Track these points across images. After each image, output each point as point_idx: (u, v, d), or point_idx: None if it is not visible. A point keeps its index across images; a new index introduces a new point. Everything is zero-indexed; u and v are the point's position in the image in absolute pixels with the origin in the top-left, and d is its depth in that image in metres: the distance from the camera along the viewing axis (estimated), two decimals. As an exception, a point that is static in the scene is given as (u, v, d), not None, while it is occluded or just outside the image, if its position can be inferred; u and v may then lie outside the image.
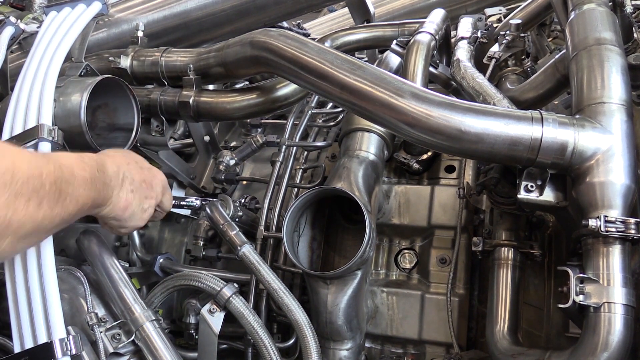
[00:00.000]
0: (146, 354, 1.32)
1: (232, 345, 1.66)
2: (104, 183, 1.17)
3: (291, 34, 1.45)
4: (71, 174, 1.03)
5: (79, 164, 1.08)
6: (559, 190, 1.22)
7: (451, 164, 1.78)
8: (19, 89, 1.47)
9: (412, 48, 1.63)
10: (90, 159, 1.14)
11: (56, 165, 0.98)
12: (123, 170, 1.25)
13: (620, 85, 1.20)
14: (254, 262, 1.46)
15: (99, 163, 1.17)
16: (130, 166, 1.28)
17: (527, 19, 1.92)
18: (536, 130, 1.15)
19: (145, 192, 1.33)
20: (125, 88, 1.54)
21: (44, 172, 0.93)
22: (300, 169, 1.83)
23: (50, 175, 0.95)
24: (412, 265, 1.68)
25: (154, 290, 1.56)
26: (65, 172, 1.00)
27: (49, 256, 1.24)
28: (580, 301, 1.06)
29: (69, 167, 1.03)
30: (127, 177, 1.26)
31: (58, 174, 0.97)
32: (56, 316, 1.22)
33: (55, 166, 0.98)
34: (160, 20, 2.03)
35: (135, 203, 1.29)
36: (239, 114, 1.68)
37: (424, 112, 1.18)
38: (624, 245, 1.09)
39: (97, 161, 1.16)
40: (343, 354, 1.45)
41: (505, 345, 1.31)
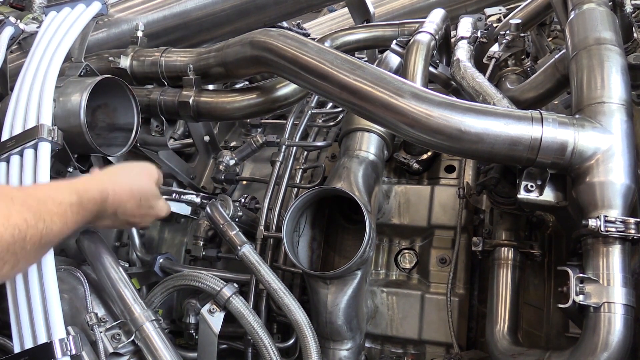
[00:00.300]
0: (146, 354, 1.32)
1: (232, 345, 1.66)
2: (88, 208, 1.14)
3: (291, 34, 1.45)
4: (50, 213, 0.97)
5: (57, 195, 1.03)
6: (559, 190, 1.22)
7: (451, 164, 1.77)
8: (19, 89, 1.47)
9: (412, 48, 1.63)
10: (65, 191, 1.09)
11: (47, 222, 0.94)
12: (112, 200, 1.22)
13: (620, 85, 1.20)
14: (253, 262, 1.46)
15: (78, 190, 1.11)
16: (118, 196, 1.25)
17: (527, 19, 1.92)
18: (536, 130, 1.15)
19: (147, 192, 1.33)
20: (125, 88, 1.54)
21: (28, 234, 0.89)
22: (300, 169, 1.83)
23: (36, 236, 0.91)
24: (412, 265, 1.68)
25: (154, 290, 1.56)
26: (54, 227, 0.96)
27: (49, 256, 1.24)
28: (580, 301, 1.06)
29: (49, 206, 0.98)
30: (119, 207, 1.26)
31: (45, 232, 0.93)
32: (56, 316, 1.21)
33: (44, 223, 0.93)
34: (160, 20, 2.02)
35: (131, 216, 1.30)
36: (239, 114, 1.68)
37: (424, 112, 1.18)
38: (623, 245, 1.09)
39: (74, 193, 1.10)
40: (343, 354, 1.45)
41: (505, 345, 1.31)
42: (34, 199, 0.96)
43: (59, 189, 1.06)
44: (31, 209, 0.92)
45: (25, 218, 0.90)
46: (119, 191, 1.22)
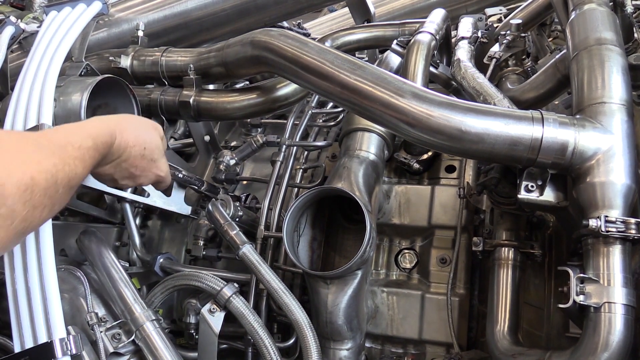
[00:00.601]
0: (146, 353, 1.32)
1: (232, 345, 1.66)
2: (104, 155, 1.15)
3: (291, 33, 1.45)
4: (74, 157, 1.00)
5: (78, 140, 1.05)
6: (559, 190, 1.22)
7: (451, 164, 1.78)
8: (19, 89, 1.47)
9: (412, 48, 1.63)
10: (102, 144, 1.12)
11: (71, 166, 0.97)
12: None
13: (621, 85, 1.20)
14: (254, 262, 1.46)
15: (94, 134, 1.13)
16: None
17: (527, 19, 1.92)
18: (537, 130, 1.15)
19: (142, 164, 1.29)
20: (126, 88, 1.54)
21: (59, 178, 0.93)
22: (301, 169, 1.83)
23: (64, 179, 0.95)
24: (412, 265, 1.68)
25: (154, 290, 1.56)
26: (78, 171, 1.00)
27: (49, 256, 1.24)
28: (580, 301, 1.06)
29: (73, 148, 1.01)
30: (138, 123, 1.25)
31: (71, 175, 0.97)
32: (56, 316, 1.21)
33: (69, 167, 0.97)
34: (161, 20, 2.03)
35: (139, 166, 1.26)
36: (239, 113, 1.69)
37: (424, 112, 1.18)
38: (624, 245, 1.09)
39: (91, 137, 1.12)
40: (343, 354, 1.45)
41: (506, 345, 1.31)
42: (56, 145, 0.99)
43: (75, 134, 1.07)
44: (55, 154, 0.96)
45: (54, 163, 0.94)
46: (125, 135, 1.20)
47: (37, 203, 0.89)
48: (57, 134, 1.07)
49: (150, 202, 1.82)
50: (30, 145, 0.94)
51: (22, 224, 0.87)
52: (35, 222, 0.91)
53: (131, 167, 1.24)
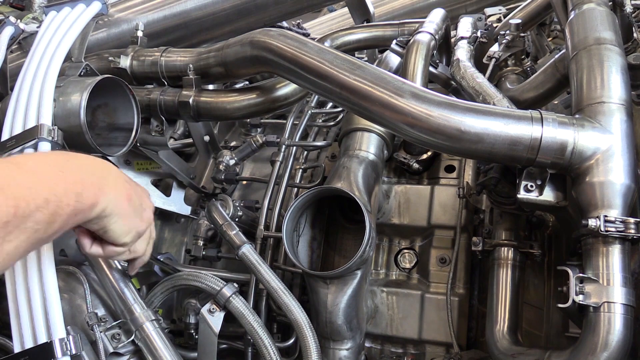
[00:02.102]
0: (146, 353, 1.32)
1: (232, 345, 1.66)
2: (85, 169, 0.98)
3: (291, 33, 1.45)
4: (28, 171, 0.85)
5: (38, 157, 0.93)
6: (558, 190, 1.22)
7: (451, 164, 1.77)
8: (19, 89, 1.47)
9: (411, 48, 1.63)
10: (52, 154, 1.00)
11: (2, 169, 0.82)
12: (107, 165, 1.07)
13: (620, 85, 1.20)
14: (253, 262, 1.46)
15: (66, 154, 1.00)
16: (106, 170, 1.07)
17: (526, 19, 1.92)
18: (536, 130, 1.15)
19: (138, 187, 1.16)
20: (125, 88, 1.54)
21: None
22: (300, 169, 1.83)
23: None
24: (412, 265, 1.69)
25: (153, 290, 1.56)
26: (19, 173, 0.83)
27: (48, 256, 1.24)
28: (580, 301, 1.06)
29: (24, 164, 0.86)
30: (115, 170, 1.07)
31: (6, 180, 0.80)
32: (56, 316, 1.22)
33: (2, 172, 0.81)
34: (160, 20, 2.02)
35: (133, 194, 1.09)
36: (239, 113, 1.68)
37: (423, 112, 1.18)
38: (623, 245, 1.09)
39: (62, 154, 1.00)
40: (343, 354, 1.45)
41: (505, 345, 1.31)
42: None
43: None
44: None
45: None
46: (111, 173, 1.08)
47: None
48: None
49: (149, 202, 1.82)
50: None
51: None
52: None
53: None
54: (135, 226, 1.11)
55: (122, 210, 1.04)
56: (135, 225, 1.11)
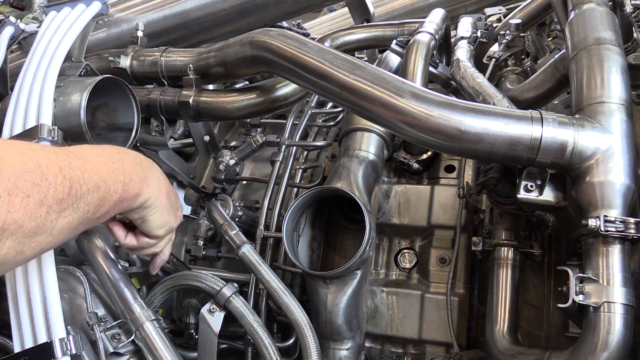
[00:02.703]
0: (146, 353, 1.32)
1: (232, 345, 1.66)
2: (133, 162, 1.07)
3: (291, 33, 1.45)
4: (82, 159, 0.92)
5: (91, 149, 1.01)
6: (558, 190, 1.22)
7: (451, 164, 1.77)
8: (19, 89, 1.47)
9: (411, 48, 1.63)
10: (104, 147, 1.07)
11: (60, 154, 0.88)
12: (149, 162, 1.15)
13: (620, 85, 1.20)
14: (253, 262, 1.46)
15: (117, 148, 1.08)
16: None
17: (526, 19, 1.92)
18: (536, 130, 1.15)
19: (174, 191, 1.25)
20: (125, 88, 1.54)
21: (42, 162, 0.83)
22: (300, 169, 1.83)
23: (53, 166, 0.84)
24: (412, 265, 1.69)
25: (153, 290, 1.56)
26: (74, 158, 0.90)
27: (49, 256, 1.24)
28: (579, 301, 1.06)
29: (79, 153, 0.94)
30: (155, 167, 1.16)
31: (63, 162, 0.87)
32: (56, 316, 1.21)
33: (59, 155, 0.87)
34: (160, 20, 2.02)
35: (170, 191, 1.20)
36: (239, 113, 1.68)
37: (423, 112, 1.18)
38: (623, 245, 1.09)
39: (113, 147, 1.08)
40: (343, 354, 1.45)
41: (505, 345, 1.31)
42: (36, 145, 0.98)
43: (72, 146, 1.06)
44: (37, 146, 0.95)
45: (32, 148, 0.89)
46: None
47: (13, 188, 0.78)
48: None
49: (149, 202, 1.82)
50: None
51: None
52: (16, 215, 0.79)
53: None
54: (170, 221, 1.23)
55: (161, 203, 1.15)
56: (170, 220, 1.23)
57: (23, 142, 0.90)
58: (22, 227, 0.80)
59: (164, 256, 1.37)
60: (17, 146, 0.85)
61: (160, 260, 1.38)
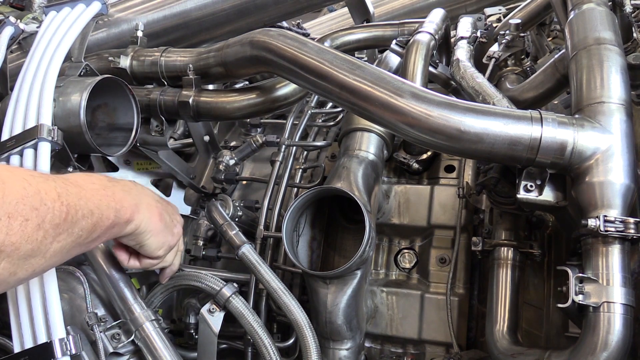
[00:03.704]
0: (146, 353, 1.32)
1: (232, 345, 1.66)
2: (123, 190, 1.11)
3: (291, 33, 1.45)
4: (77, 186, 0.97)
5: (84, 177, 1.04)
6: (558, 190, 1.22)
7: (451, 164, 1.77)
8: (19, 89, 1.47)
9: (411, 48, 1.63)
10: (95, 175, 1.12)
11: (58, 181, 0.93)
12: (138, 187, 1.20)
13: (620, 85, 1.20)
14: (253, 262, 1.46)
15: (107, 177, 1.13)
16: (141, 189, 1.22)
17: (526, 19, 1.92)
18: (535, 130, 1.15)
19: (168, 206, 1.30)
20: (125, 88, 1.54)
21: (42, 188, 0.87)
22: (300, 169, 1.83)
23: (51, 192, 0.89)
24: (411, 265, 1.69)
25: (153, 290, 1.56)
26: (70, 186, 0.95)
27: (48, 256, 1.24)
28: (579, 301, 1.06)
29: (74, 180, 0.99)
30: (146, 192, 1.22)
31: (61, 189, 0.91)
32: (56, 316, 1.21)
33: (57, 182, 0.92)
34: (160, 20, 2.02)
35: (164, 212, 1.24)
36: (239, 113, 1.68)
37: (423, 112, 1.18)
38: (623, 245, 1.09)
39: (104, 176, 1.14)
40: (343, 354, 1.45)
41: (505, 345, 1.31)
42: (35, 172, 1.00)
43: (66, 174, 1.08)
44: (36, 173, 0.96)
45: (32, 174, 0.93)
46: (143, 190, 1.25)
47: (14, 211, 0.82)
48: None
49: (149, 202, 1.82)
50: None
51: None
52: (14, 238, 0.82)
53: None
54: (167, 241, 1.27)
55: (155, 227, 1.19)
56: (167, 240, 1.27)
57: (23, 169, 0.97)
58: (19, 249, 0.83)
59: (174, 267, 1.41)
60: (18, 172, 0.90)
61: (170, 271, 1.43)
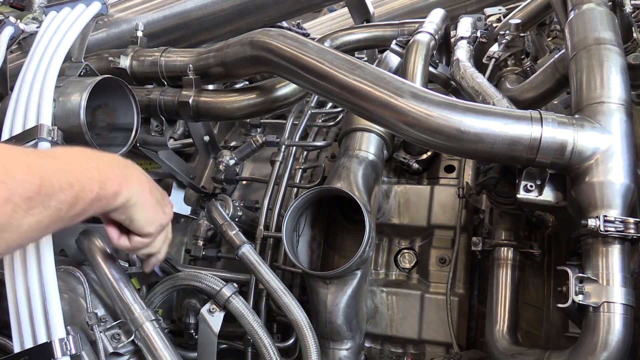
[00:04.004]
0: (146, 353, 1.32)
1: (232, 345, 1.66)
2: (110, 163, 1.06)
3: (291, 33, 1.45)
4: (54, 158, 0.93)
5: (64, 150, 1.01)
6: (558, 190, 1.22)
7: (451, 164, 1.77)
8: (19, 89, 1.47)
9: (411, 48, 1.63)
10: (79, 149, 1.05)
11: (30, 154, 0.89)
12: (127, 161, 1.13)
13: (620, 85, 1.20)
14: (253, 262, 1.46)
15: (93, 150, 1.07)
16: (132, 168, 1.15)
17: (526, 19, 1.92)
18: (535, 130, 1.15)
19: (157, 186, 1.22)
20: (125, 88, 1.54)
21: (9, 162, 0.85)
22: (300, 169, 1.83)
23: (20, 164, 0.85)
24: (411, 265, 1.68)
25: (153, 290, 1.56)
26: (45, 158, 0.90)
27: (48, 256, 1.24)
28: (579, 301, 1.06)
29: (51, 153, 0.95)
30: (135, 166, 1.15)
31: (33, 161, 0.87)
32: (56, 316, 1.21)
33: (28, 154, 0.88)
34: (160, 20, 2.02)
35: (153, 188, 1.18)
36: (239, 113, 1.68)
37: (423, 112, 1.18)
38: (623, 245, 1.09)
39: (90, 150, 1.06)
40: (343, 354, 1.45)
41: (505, 345, 1.31)
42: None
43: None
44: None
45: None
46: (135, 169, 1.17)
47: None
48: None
49: (149, 202, 1.82)
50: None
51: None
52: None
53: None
54: (159, 217, 1.20)
55: (146, 200, 1.13)
56: (159, 216, 1.20)
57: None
58: None
59: (160, 256, 1.34)
60: None
61: (155, 260, 1.35)
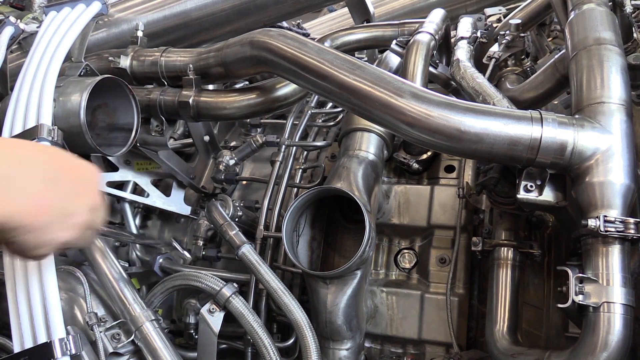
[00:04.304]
0: (146, 353, 1.32)
1: (232, 345, 1.66)
2: None
3: (291, 33, 1.45)
4: None
5: None
6: (558, 190, 1.22)
7: (451, 164, 1.78)
8: (19, 89, 1.47)
9: (411, 48, 1.63)
10: None
11: None
12: (21, 154, 0.87)
13: (620, 85, 1.20)
14: (253, 262, 1.46)
15: None
16: (35, 151, 0.93)
17: (526, 19, 1.92)
18: (535, 130, 1.15)
19: (71, 184, 0.91)
20: (125, 88, 1.54)
21: None
22: (300, 169, 1.83)
23: None
24: (411, 265, 1.69)
25: (153, 290, 1.56)
26: None
27: (48, 256, 1.24)
28: (579, 301, 1.06)
29: None
30: (32, 161, 0.87)
31: None
32: (56, 316, 1.22)
33: None
34: (160, 20, 2.02)
35: (55, 198, 0.87)
36: (239, 114, 1.68)
37: (423, 112, 1.18)
38: (623, 245, 1.09)
39: None
40: (343, 354, 1.45)
41: (505, 345, 1.31)
42: None
43: None
44: None
45: None
46: (39, 153, 0.94)
47: None
48: None
49: (149, 202, 1.83)
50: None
51: None
52: None
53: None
54: (54, 238, 0.89)
55: (34, 221, 0.84)
56: (55, 236, 0.89)
57: None
58: None
59: (94, 232, 0.99)
60: None
61: (89, 236, 0.99)
